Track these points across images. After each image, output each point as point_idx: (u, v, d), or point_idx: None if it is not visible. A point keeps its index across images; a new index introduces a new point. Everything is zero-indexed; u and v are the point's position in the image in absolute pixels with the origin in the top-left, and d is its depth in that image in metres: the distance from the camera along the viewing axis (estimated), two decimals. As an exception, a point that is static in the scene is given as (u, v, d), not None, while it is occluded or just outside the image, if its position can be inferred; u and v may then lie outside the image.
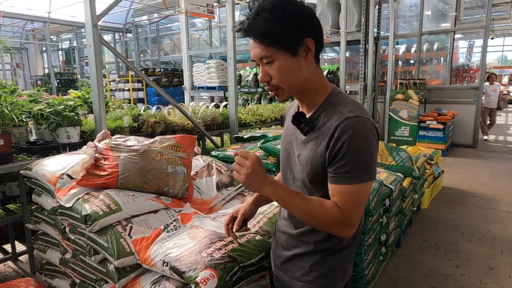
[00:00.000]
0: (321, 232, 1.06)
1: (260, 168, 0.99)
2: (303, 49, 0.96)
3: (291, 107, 1.24)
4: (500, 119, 12.81)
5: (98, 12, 2.36)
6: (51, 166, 1.86)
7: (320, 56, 1.04)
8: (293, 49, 0.95)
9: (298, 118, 1.03)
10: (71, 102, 2.53)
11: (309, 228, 1.07)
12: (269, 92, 1.04)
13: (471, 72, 9.52)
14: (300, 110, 1.09)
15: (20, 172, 2.04)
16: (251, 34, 0.95)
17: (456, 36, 8.03)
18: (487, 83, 7.89)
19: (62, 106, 2.46)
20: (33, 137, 2.61)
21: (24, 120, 2.52)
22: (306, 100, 1.05)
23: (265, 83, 1.01)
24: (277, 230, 1.23)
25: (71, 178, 1.62)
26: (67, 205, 1.58)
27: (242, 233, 1.36)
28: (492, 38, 12.18)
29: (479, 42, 9.74)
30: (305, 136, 1.03)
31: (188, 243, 1.37)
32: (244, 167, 0.98)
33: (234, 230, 1.26)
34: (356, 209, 0.98)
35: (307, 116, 1.04)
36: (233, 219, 1.28)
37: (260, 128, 4.02)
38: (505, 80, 19.13)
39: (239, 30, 0.96)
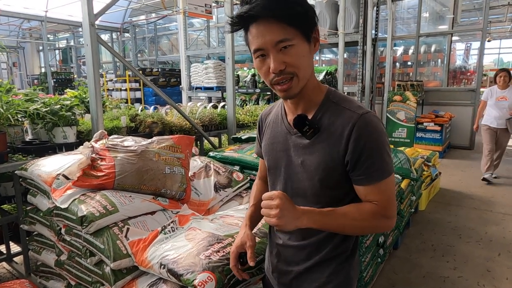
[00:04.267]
0: (333, 237, 1.02)
1: (288, 204, 0.91)
2: (314, 37, 0.93)
3: (268, 113, 1.15)
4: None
5: (95, 11, 2.35)
6: (47, 167, 1.84)
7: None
8: (308, 34, 0.91)
9: (301, 121, 0.96)
10: (68, 102, 2.51)
11: (321, 236, 1.02)
12: (277, 86, 0.93)
13: (468, 74, 9.56)
14: (298, 113, 1.00)
15: (15, 172, 2.02)
16: (271, 12, 0.85)
17: (454, 38, 8.06)
18: (493, 86, 5.01)
19: (59, 106, 2.43)
20: (28, 137, 2.58)
21: (20, 119, 2.49)
22: (303, 100, 0.98)
23: (278, 73, 0.89)
24: (276, 245, 1.14)
25: (67, 178, 1.59)
26: (62, 206, 1.56)
27: (258, 245, 1.29)
28: (488, 41, 12.23)
29: (476, 45, 9.80)
30: (309, 140, 0.97)
31: (186, 245, 1.36)
32: (273, 210, 0.89)
33: (252, 266, 1.12)
34: (393, 200, 0.99)
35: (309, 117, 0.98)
36: (238, 256, 1.16)
37: (258, 129, 4.01)
38: (501, 82, 19.20)
39: (251, 10, 0.86)
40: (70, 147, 2.42)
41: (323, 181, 0.97)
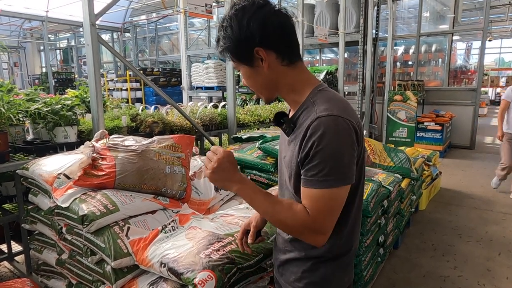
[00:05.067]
0: None
1: (228, 164, 0.96)
2: (256, 58, 0.96)
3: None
4: (497, 120, 12.85)
5: (96, 11, 2.35)
6: (48, 166, 1.84)
7: (294, 56, 0.99)
8: (246, 60, 0.97)
9: (278, 119, 1.01)
10: (69, 102, 2.51)
11: None
12: None
13: (469, 73, 9.56)
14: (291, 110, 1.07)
15: (17, 171, 2.03)
16: (220, 52, 1.01)
17: (454, 37, 8.05)
18: None
19: (60, 105, 2.44)
20: (30, 137, 2.59)
21: (21, 119, 2.50)
22: (289, 100, 1.03)
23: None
24: (276, 231, 1.21)
25: (68, 178, 1.60)
26: (64, 205, 1.56)
27: (237, 241, 1.32)
28: (489, 40, 12.21)
29: (477, 44, 9.80)
30: (288, 137, 1.01)
31: (186, 244, 1.36)
32: (212, 162, 0.96)
33: (249, 243, 1.21)
34: (326, 216, 0.91)
35: (290, 116, 1.02)
36: (245, 232, 1.23)
37: (258, 129, 4.02)
38: (502, 81, 19.20)
39: (217, 49, 1.02)
40: (71, 146, 2.43)
41: (293, 177, 0.98)
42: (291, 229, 0.96)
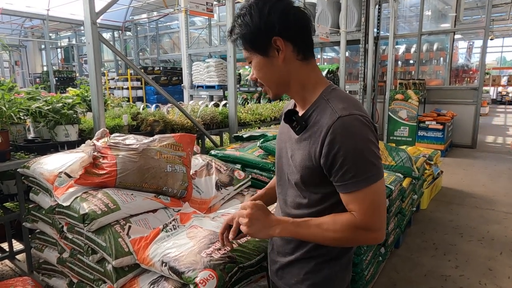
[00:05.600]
0: None
1: (259, 213, 0.99)
2: (273, 49, 0.96)
3: (288, 105, 1.22)
4: (498, 120, 12.84)
5: (97, 9, 2.35)
6: (49, 165, 1.84)
7: (308, 52, 0.99)
8: (262, 50, 0.97)
9: (290, 116, 1.01)
10: (70, 100, 2.51)
11: None
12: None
13: (471, 72, 9.53)
14: (297, 108, 1.07)
15: (18, 170, 2.03)
16: (233, 40, 1.01)
17: (456, 36, 8.02)
18: None
19: (61, 104, 2.44)
20: (31, 135, 2.59)
21: (22, 118, 2.50)
22: (298, 98, 1.03)
23: (255, 81, 1.05)
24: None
25: (69, 176, 1.60)
26: (65, 204, 1.56)
27: (238, 240, 1.32)
28: (491, 39, 12.18)
29: (478, 43, 9.76)
30: (298, 135, 0.99)
31: (187, 243, 1.36)
32: (244, 218, 0.99)
33: (230, 239, 1.16)
34: (375, 212, 0.92)
35: (300, 114, 1.01)
36: (227, 227, 1.18)
37: (259, 127, 4.01)
38: (504, 80, 19.14)
39: (227, 37, 1.03)
40: (72, 145, 2.43)
41: (304, 178, 0.98)
42: (346, 239, 0.95)
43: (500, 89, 19.75)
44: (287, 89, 1.02)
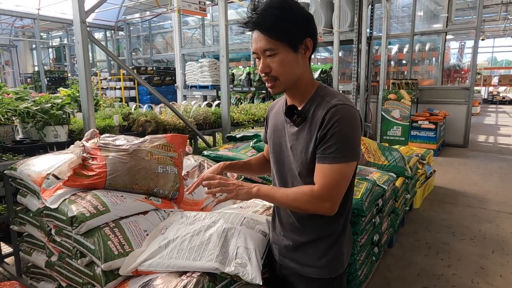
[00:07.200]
0: (320, 218, 1.13)
1: (240, 182, 1.15)
2: (303, 47, 1.06)
3: (275, 105, 1.31)
4: (489, 119, 12.99)
5: (86, 8, 2.31)
6: (37, 166, 1.80)
7: (312, 56, 1.14)
8: (295, 45, 1.05)
9: (291, 111, 1.13)
10: (59, 100, 2.47)
11: (310, 215, 1.15)
12: (266, 84, 1.12)
13: (462, 72, 9.62)
14: (290, 104, 1.18)
15: (5, 172, 1.98)
16: (260, 27, 1.03)
17: (448, 36, 8.10)
18: None
19: (50, 104, 2.39)
20: (19, 136, 2.54)
21: (10, 118, 2.45)
22: (298, 95, 1.14)
23: (264, 74, 1.09)
24: (280, 221, 1.27)
25: (58, 178, 1.56)
26: (52, 206, 1.53)
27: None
28: (482, 39, 12.32)
29: (470, 43, 9.87)
30: (297, 127, 1.12)
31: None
32: (230, 187, 1.13)
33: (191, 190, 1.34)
34: (334, 187, 1.04)
35: (300, 108, 1.13)
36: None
37: (253, 128, 3.99)
38: (495, 80, 19.38)
39: (247, 24, 1.05)
40: (61, 146, 2.39)
41: (304, 164, 1.11)
42: (303, 203, 1.06)
43: (491, 89, 20.00)
44: (295, 85, 1.12)
